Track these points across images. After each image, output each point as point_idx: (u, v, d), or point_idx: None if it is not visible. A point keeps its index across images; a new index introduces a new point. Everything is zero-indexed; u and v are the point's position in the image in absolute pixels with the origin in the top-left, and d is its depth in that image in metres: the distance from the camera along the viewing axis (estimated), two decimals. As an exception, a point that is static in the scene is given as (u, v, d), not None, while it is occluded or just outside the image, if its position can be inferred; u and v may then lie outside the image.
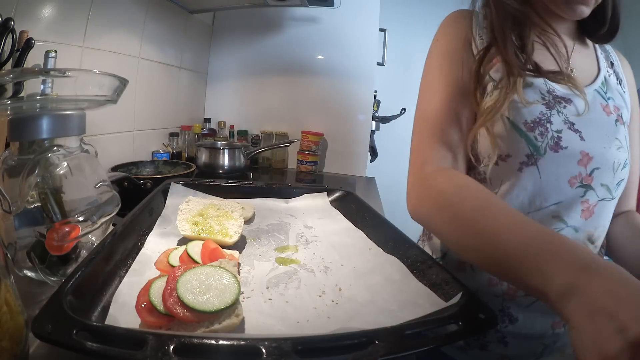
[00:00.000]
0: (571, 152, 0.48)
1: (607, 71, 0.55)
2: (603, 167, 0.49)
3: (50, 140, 0.43)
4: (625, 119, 0.52)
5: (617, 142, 0.50)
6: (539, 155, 0.47)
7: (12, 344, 0.28)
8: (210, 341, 0.26)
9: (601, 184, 0.50)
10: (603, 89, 0.53)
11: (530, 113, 0.48)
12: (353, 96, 1.42)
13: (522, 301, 0.51)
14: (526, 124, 0.48)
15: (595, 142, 0.49)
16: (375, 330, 0.29)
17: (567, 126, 0.48)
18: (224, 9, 1.43)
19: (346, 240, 0.55)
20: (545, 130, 0.47)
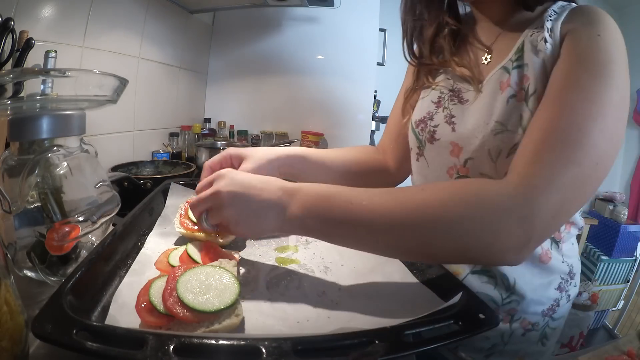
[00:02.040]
0: (443, 143, 0.52)
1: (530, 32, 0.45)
2: (477, 157, 0.47)
3: (50, 140, 0.43)
4: (533, 88, 0.42)
5: (497, 126, 0.44)
6: (422, 147, 0.56)
7: (12, 344, 0.28)
8: (210, 341, 0.26)
9: (481, 174, 0.48)
10: (513, 58, 0.46)
11: (419, 113, 0.57)
12: (353, 96, 1.42)
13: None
14: (416, 122, 0.57)
15: (465, 132, 0.49)
16: (375, 330, 0.29)
17: (445, 120, 0.53)
18: (224, 9, 1.43)
19: (346, 240, 0.55)
20: (425, 126, 0.55)
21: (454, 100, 0.53)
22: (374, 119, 1.56)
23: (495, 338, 0.52)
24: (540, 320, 0.53)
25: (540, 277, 0.51)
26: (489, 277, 0.51)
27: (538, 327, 0.53)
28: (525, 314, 0.52)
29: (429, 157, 0.55)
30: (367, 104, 1.43)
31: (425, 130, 0.55)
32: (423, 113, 0.56)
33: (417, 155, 0.57)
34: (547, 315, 0.53)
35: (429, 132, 0.54)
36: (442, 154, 0.52)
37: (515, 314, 0.52)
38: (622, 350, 0.50)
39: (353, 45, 1.41)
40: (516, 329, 0.52)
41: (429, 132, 0.54)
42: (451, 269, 0.50)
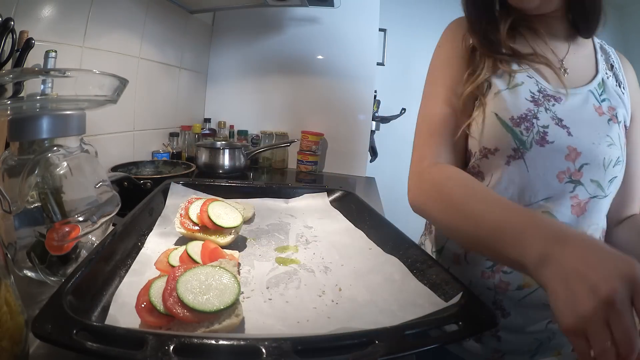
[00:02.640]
0: (558, 147, 0.49)
1: (606, 73, 0.56)
2: (592, 162, 0.50)
3: (50, 140, 0.43)
4: (620, 119, 0.53)
5: (608, 139, 0.50)
6: (524, 149, 0.49)
7: (12, 344, 0.28)
8: (210, 341, 0.26)
9: (591, 180, 0.50)
10: (598, 90, 0.54)
11: (516, 109, 0.50)
12: (353, 96, 1.42)
13: (514, 295, 0.51)
14: (512, 119, 0.50)
15: (583, 138, 0.50)
16: (375, 330, 0.29)
17: (554, 122, 0.50)
18: (224, 9, 1.43)
19: (346, 240, 0.55)
20: (531, 125, 0.50)
21: (551, 101, 0.51)
22: (374, 119, 1.55)
23: (543, 338, 0.52)
24: None
25: None
26: None
27: None
28: None
29: (533, 160, 0.49)
30: (367, 104, 1.43)
31: (531, 130, 0.49)
32: (521, 110, 0.50)
33: (508, 158, 0.50)
34: None
35: (538, 134, 0.49)
36: (552, 157, 0.49)
37: None
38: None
39: (353, 45, 1.41)
40: None
41: (539, 134, 0.49)
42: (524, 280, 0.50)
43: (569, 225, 0.50)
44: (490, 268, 0.53)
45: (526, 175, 0.50)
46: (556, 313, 0.29)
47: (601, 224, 0.53)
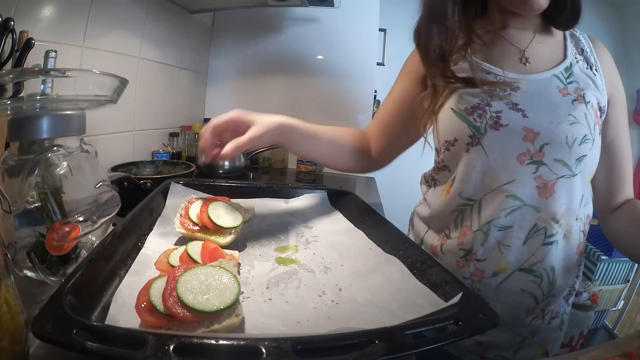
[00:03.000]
0: (513, 129, 0.51)
1: (575, 57, 0.57)
2: (553, 142, 0.50)
3: (50, 140, 0.43)
4: (588, 98, 0.53)
5: (571, 118, 0.51)
6: (480, 134, 0.52)
7: (12, 344, 0.28)
8: (210, 341, 0.26)
9: (555, 160, 0.50)
10: (565, 74, 0.55)
11: (469, 100, 0.54)
12: (353, 96, 1.42)
13: (490, 282, 0.52)
14: (466, 109, 0.54)
15: (540, 118, 0.51)
16: (375, 330, 0.29)
17: (508, 107, 0.52)
18: (224, 9, 1.43)
19: (346, 240, 0.55)
20: (484, 112, 0.52)
21: (507, 90, 0.53)
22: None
23: (526, 333, 0.53)
24: (561, 308, 0.55)
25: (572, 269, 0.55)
26: (535, 277, 0.52)
27: (559, 315, 0.55)
28: (555, 304, 0.54)
29: (491, 144, 0.52)
30: (367, 104, 1.43)
31: (483, 116, 0.52)
32: (474, 101, 0.54)
33: (467, 146, 0.53)
34: (565, 301, 0.55)
35: (490, 119, 0.52)
36: (509, 140, 0.51)
37: (547, 307, 0.53)
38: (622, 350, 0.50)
39: (353, 45, 1.41)
40: (546, 320, 0.54)
41: (491, 119, 0.52)
42: (498, 266, 0.52)
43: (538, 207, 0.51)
44: (464, 257, 0.54)
45: (486, 160, 0.52)
46: None
47: (573, 204, 0.53)
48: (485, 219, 0.52)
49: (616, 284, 1.97)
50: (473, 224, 0.53)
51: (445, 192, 0.57)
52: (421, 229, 0.63)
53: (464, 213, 0.55)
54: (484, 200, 0.53)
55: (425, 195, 0.64)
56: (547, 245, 0.51)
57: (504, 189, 0.51)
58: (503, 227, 0.51)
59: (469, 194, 0.54)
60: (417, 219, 0.66)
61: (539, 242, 0.51)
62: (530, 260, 0.51)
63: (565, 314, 0.57)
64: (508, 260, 0.52)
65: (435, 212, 0.59)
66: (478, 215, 0.53)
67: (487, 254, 0.52)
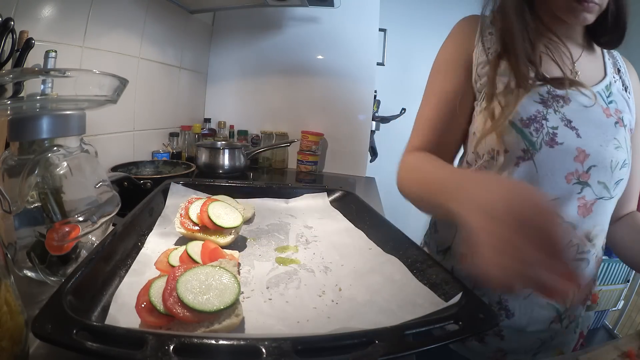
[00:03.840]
0: (567, 148, 0.49)
1: (614, 77, 0.56)
2: (600, 164, 0.50)
3: (50, 140, 0.43)
4: (626, 122, 0.53)
5: (616, 142, 0.51)
6: (534, 150, 0.49)
7: (12, 344, 0.28)
8: (210, 341, 0.26)
9: (598, 182, 0.50)
10: (606, 92, 0.54)
11: (525, 111, 0.50)
12: (353, 96, 1.42)
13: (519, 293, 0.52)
14: (522, 120, 0.50)
15: (592, 140, 0.50)
16: (375, 330, 0.29)
17: (563, 123, 0.50)
18: (224, 9, 1.43)
19: (346, 240, 0.55)
20: (541, 127, 0.50)
21: (560, 102, 0.51)
22: (374, 119, 1.55)
23: (545, 338, 0.53)
24: (578, 312, 0.55)
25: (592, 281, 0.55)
26: None
27: (576, 318, 0.55)
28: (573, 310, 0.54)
29: (542, 161, 0.49)
30: (367, 104, 1.43)
31: (540, 131, 0.49)
32: (531, 111, 0.50)
33: (517, 160, 0.50)
34: (582, 305, 0.56)
35: (547, 135, 0.49)
36: (561, 159, 0.49)
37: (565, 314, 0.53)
38: (622, 350, 0.50)
39: (353, 45, 1.41)
40: (564, 325, 0.54)
41: (548, 135, 0.49)
42: None
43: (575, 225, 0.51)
44: None
45: (535, 176, 0.49)
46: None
47: (605, 225, 0.53)
48: None
49: (616, 284, 1.96)
50: None
51: None
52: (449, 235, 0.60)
53: None
54: None
55: None
56: (578, 261, 0.51)
57: None
58: None
59: None
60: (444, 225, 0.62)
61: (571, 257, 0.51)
62: None
63: (580, 317, 0.57)
64: None
65: None
66: None
67: None
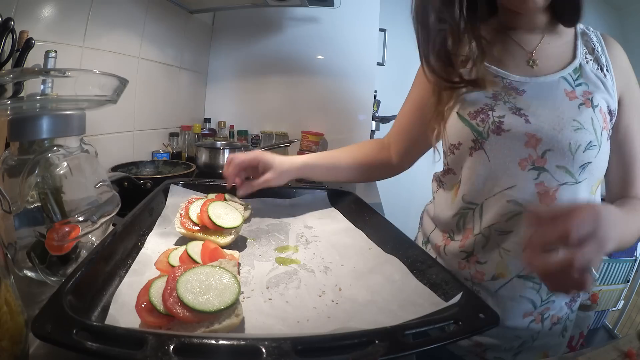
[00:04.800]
0: (515, 134, 0.50)
1: (585, 58, 0.55)
2: (555, 148, 0.50)
3: (50, 140, 0.43)
4: (596, 103, 0.52)
5: (575, 124, 0.50)
6: (482, 139, 0.52)
7: (12, 344, 0.28)
8: (211, 341, 0.26)
9: (557, 166, 0.50)
10: (574, 75, 0.54)
11: (473, 105, 0.54)
12: (353, 96, 1.42)
13: (489, 285, 0.52)
14: (470, 114, 0.54)
15: (543, 124, 0.50)
16: (376, 330, 0.29)
17: (511, 112, 0.51)
18: (224, 9, 1.43)
19: (346, 240, 0.55)
20: (487, 117, 0.52)
21: (512, 94, 0.52)
22: (374, 119, 1.55)
23: (525, 337, 0.53)
24: (563, 313, 0.54)
25: None
26: (534, 283, 0.51)
27: (562, 320, 0.54)
28: (555, 310, 0.53)
29: (493, 149, 0.51)
30: (367, 104, 1.43)
31: (486, 121, 0.52)
32: (479, 105, 0.53)
33: (470, 150, 0.53)
34: (569, 307, 0.55)
35: (493, 123, 0.52)
36: (511, 145, 0.51)
37: (546, 312, 0.53)
38: (622, 351, 0.50)
39: (353, 45, 1.41)
40: (546, 325, 0.53)
41: (494, 123, 0.51)
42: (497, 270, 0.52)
43: None
44: (466, 259, 0.54)
45: (488, 165, 0.52)
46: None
47: None
48: (486, 223, 0.52)
49: (616, 284, 1.96)
50: (475, 227, 0.54)
51: (453, 195, 0.57)
52: (429, 227, 0.64)
53: (467, 216, 0.55)
54: (485, 204, 0.53)
55: (434, 194, 0.65)
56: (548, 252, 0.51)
57: (505, 194, 0.51)
58: (503, 232, 0.51)
59: (471, 197, 0.54)
60: (426, 217, 0.66)
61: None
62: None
63: (568, 321, 0.56)
64: (507, 265, 0.52)
65: (441, 214, 0.59)
66: (480, 219, 0.53)
67: (487, 257, 0.53)
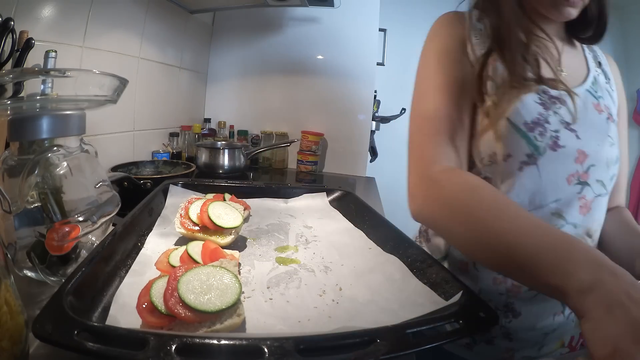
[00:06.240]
0: (568, 151, 0.49)
1: (596, 71, 0.56)
2: (598, 164, 0.51)
3: (50, 140, 0.43)
4: (614, 116, 0.54)
5: (610, 140, 0.52)
6: (538, 154, 0.48)
7: (12, 344, 0.28)
8: (212, 341, 0.26)
9: (596, 180, 0.51)
10: (594, 88, 0.54)
11: (529, 114, 0.48)
12: (353, 96, 1.42)
13: (526, 295, 0.52)
14: (526, 124, 0.48)
15: (589, 140, 0.50)
16: (377, 329, 0.29)
17: (563, 126, 0.50)
18: (224, 9, 1.43)
19: (346, 239, 0.55)
20: (544, 130, 0.48)
21: (557, 104, 0.50)
22: (374, 119, 1.55)
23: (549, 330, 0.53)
24: None
25: None
26: None
27: None
28: None
29: (546, 165, 0.48)
30: (367, 104, 1.43)
31: (544, 135, 0.48)
32: (534, 114, 0.48)
33: (521, 164, 0.48)
34: None
35: (550, 138, 0.48)
36: (563, 161, 0.49)
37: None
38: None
39: (353, 45, 1.41)
40: (566, 316, 0.54)
41: (551, 138, 0.48)
42: None
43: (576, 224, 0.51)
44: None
45: (538, 181, 0.48)
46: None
47: (602, 220, 0.54)
48: None
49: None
50: None
51: None
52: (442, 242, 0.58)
53: None
54: None
55: None
56: None
57: (551, 208, 0.50)
58: None
59: None
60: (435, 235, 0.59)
61: None
62: None
63: None
64: None
65: None
66: None
67: None
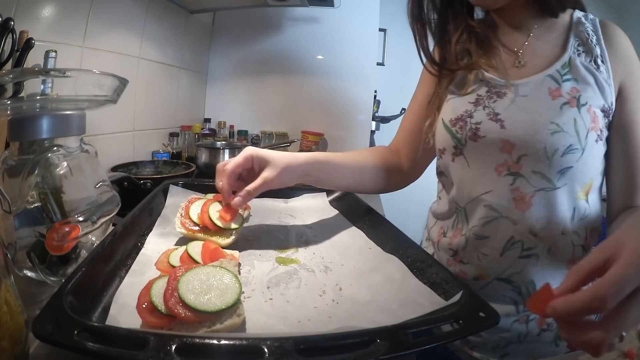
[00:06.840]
0: (490, 141, 0.51)
1: (577, 50, 0.52)
2: (530, 153, 0.48)
3: (50, 140, 0.43)
4: (584, 100, 0.48)
5: (553, 127, 0.48)
6: (461, 145, 0.54)
7: (12, 344, 0.28)
8: (212, 341, 0.26)
9: (533, 172, 0.48)
10: (561, 71, 0.51)
11: (454, 112, 0.55)
12: (353, 96, 1.42)
13: (472, 285, 0.52)
14: (451, 121, 0.55)
15: (517, 130, 0.49)
16: (377, 329, 0.29)
17: (489, 118, 0.51)
18: (224, 9, 1.43)
19: (346, 240, 0.55)
20: (465, 124, 0.53)
21: (493, 98, 0.52)
22: (374, 119, 1.56)
23: (510, 337, 0.53)
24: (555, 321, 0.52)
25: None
26: (514, 286, 0.51)
27: (552, 328, 0.53)
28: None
29: (471, 155, 0.53)
30: (367, 104, 1.43)
31: (464, 128, 0.53)
32: (459, 112, 0.54)
33: (452, 156, 0.55)
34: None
35: (470, 130, 0.52)
36: (487, 151, 0.51)
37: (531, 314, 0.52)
38: (622, 351, 0.50)
39: (353, 45, 1.41)
40: (532, 328, 0.52)
41: (471, 130, 0.52)
42: (477, 272, 0.53)
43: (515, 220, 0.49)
44: (452, 257, 0.56)
45: (468, 170, 0.53)
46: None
47: (556, 219, 0.49)
48: (469, 226, 0.53)
49: (616, 284, 1.95)
50: (463, 228, 0.55)
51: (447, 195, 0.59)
52: (430, 222, 0.65)
53: (459, 216, 0.56)
54: (467, 207, 0.54)
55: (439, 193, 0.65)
56: (525, 258, 0.50)
57: (482, 199, 0.51)
58: (481, 237, 0.52)
59: (457, 200, 0.56)
60: (430, 213, 0.67)
61: (515, 254, 0.50)
62: (507, 272, 0.51)
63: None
64: (486, 268, 0.52)
65: (439, 211, 0.61)
66: (466, 222, 0.54)
67: (468, 258, 0.54)
